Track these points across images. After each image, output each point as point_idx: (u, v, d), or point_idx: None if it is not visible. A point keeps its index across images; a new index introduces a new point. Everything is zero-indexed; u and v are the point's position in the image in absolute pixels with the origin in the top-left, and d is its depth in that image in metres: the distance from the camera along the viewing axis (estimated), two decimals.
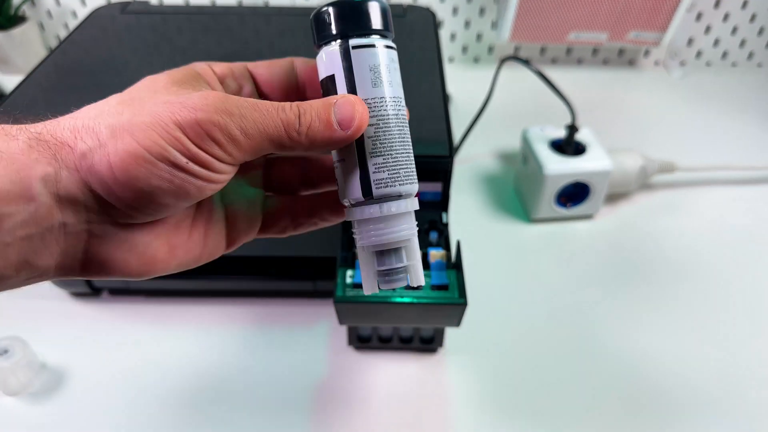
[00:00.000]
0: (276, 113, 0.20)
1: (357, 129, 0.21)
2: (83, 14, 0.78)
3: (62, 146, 0.19)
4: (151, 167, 0.18)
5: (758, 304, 0.48)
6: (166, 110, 0.19)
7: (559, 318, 0.46)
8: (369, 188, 0.22)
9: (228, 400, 0.41)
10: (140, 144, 0.18)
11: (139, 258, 0.20)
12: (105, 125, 0.19)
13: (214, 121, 0.19)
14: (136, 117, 0.18)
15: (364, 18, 0.22)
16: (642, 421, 0.39)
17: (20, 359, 0.39)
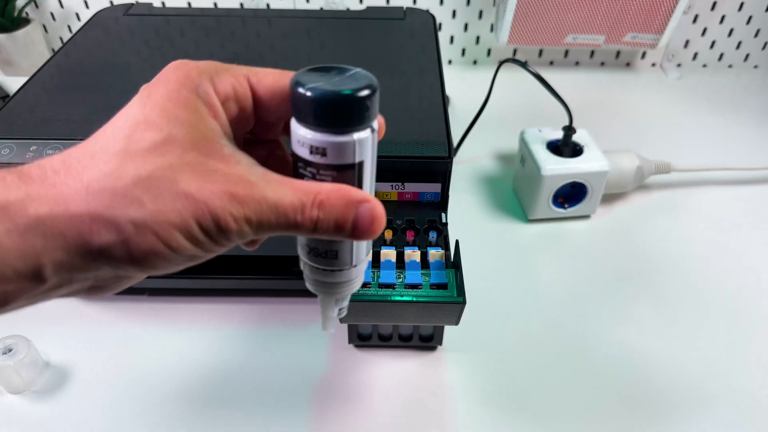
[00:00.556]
0: (293, 216, 0.20)
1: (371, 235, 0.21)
2: (86, 16, 0.79)
3: (73, 238, 0.18)
4: (170, 258, 0.19)
5: (755, 303, 0.48)
6: (190, 210, 0.18)
7: (557, 317, 0.47)
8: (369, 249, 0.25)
9: (229, 398, 0.41)
10: (164, 243, 0.18)
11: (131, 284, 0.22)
12: (128, 220, 0.18)
13: (232, 227, 0.19)
14: (161, 214, 0.18)
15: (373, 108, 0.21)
16: (639, 419, 0.40)
17: (24, 358, 0.40)
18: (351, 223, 0.20)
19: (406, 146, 0.39)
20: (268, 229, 0.20)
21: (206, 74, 0.21)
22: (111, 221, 0.18)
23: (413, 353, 0.44)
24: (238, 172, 0.19)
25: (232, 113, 0.22)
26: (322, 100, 0.19)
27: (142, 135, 0.19)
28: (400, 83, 0.46)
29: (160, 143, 0.19)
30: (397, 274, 0.37)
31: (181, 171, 0.19)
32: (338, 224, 0.20)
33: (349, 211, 0.20)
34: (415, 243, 0.39)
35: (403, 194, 0.42)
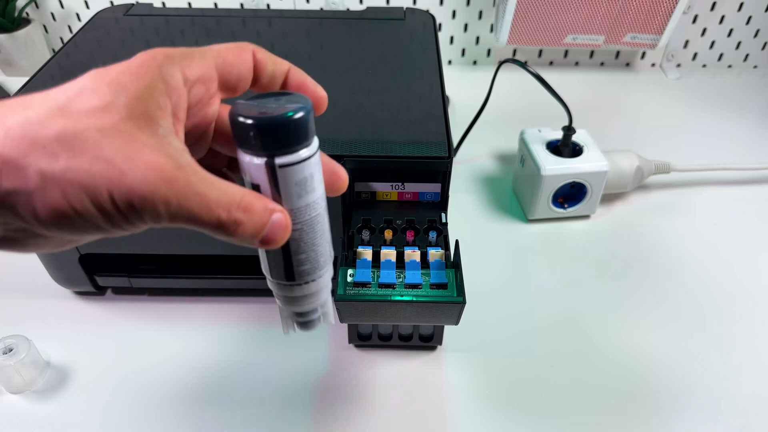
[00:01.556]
0: (216, 211, 0.19)
1: (276, 245, 0.22)
2: (87, 16, 0.79)
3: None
4: (75, 223, 0.18)
5: (754, 303, 0.48)
6: (106, 176, 0.18)
7: (556, 316, 0.47)
8: (293, 276, 0.25)
9: (230, 397, 0.41)
10: (69, 204, 0.18)
11: (52, 247, 0.21)
12: (35, 170, 0.17)
13: (147, 206, 0.18)
14: (72, 172, 0.17)
15: (291, 136, 0.21)
16: (639, 419, 0.40)
17: (24, 357, 0.40)
18: (266, 230, 0.21)
19: (406, 146, 0.39)
20: (184, 218, 0.19)
21: (174, 59, 0.21)
22: (19, 167, 0.17)
23: (413, 353, 0.44)
24: (168, 153, 0.19)
25: (197, 95, 0.22)
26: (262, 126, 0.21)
27: (83, 98, 0.18)
28: (400, 83, 0.46)
29: (98, 108, 0.18)
30: (397, 274, 0.37)
31: (110, 137, 0.18)
32: (255, 230, 0.21)
33: (266, 219, 0.21)
34: (415, 243, 0.39)
35: (403, 194, 0.42)
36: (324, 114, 0.32)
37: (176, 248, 0.44)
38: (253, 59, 0.23)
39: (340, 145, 0.39)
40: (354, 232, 0.40)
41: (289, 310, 0.26)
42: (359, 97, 0.44)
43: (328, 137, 0.39)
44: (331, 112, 0.43)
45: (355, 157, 0.39)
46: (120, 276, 0.46)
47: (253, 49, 0.24)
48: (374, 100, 0.44)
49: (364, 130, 0.40)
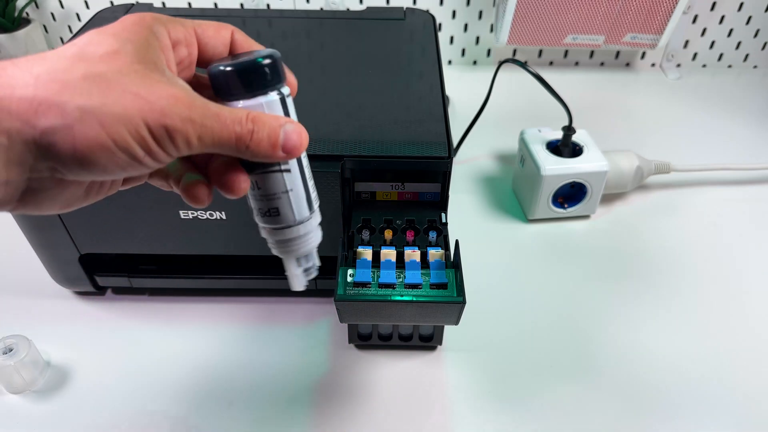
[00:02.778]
0: (232, 126, 0.22)
1: (296, 153, 0.24)
2: (87, 16, 0.79)
3: (19, 120, 0.18)
4: (113, 155, 0.20)
5: (754, 303, 0.48)
6: (137, 107, 0.19)
7: (556, 316, 0.47)
8: (311, 205, 0.28)
9: (230, 397, 0.41)
10: (109, 136, 0.19)
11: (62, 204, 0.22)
12: (74, 105, 0.19)
13: (179, 128, 0.20)
14: (107, 106, 0.19)
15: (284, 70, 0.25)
16: (639, 418, 0.40)
17: (25, 357, 0.40)
18: (282, 137, 0.23)
19: (406, 146, 0.39)
20: (209, 139, 0.21)
21: (161, 21, 0.23)
22: (58, 105, 0.18)
23: (413, 353, 0.44)
24: (180, 86, 0.21)
25: (180, 56, 0.24)
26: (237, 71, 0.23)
27: (94, 47, 0.20)
28: (400, 83, 0.46)
29: (112, 52, 0.20)
30: (397, 274, 0.37)
31: (130, 75, 0.20)
32: (271, 138, 0.23)
33: (279, 127, 0.23)
34: (415, 243, 0.39)
35: (403, 194, 0.42)
36: (324, 114, 0.33)
37: (176, 248, 0.44)
38: (230, 38, 0.26)
39: (340, 145, 0.39)
40: (354, 232, 0.40)
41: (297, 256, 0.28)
42: (359, 97, 0.44)
43: (328, 137, 0.39)
44: (331, 112, 0.43)
45: (355, 157, 0.39)
46: (120, 276, 0.46)
47: (232, 29, 0.26)
48: (374, 100, 0.44)
49: (364, 130, 0.40)
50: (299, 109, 0.27)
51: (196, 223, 0.42)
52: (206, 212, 0.41)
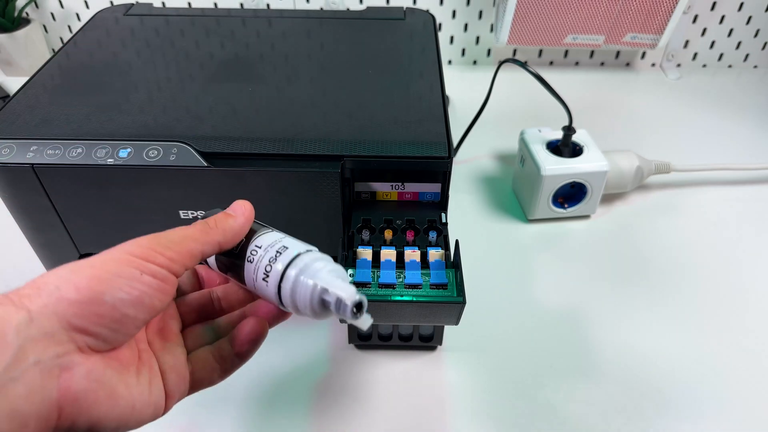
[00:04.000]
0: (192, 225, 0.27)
1: (248, 212, 0.29)
2: (86, 16, 0.79)
3: (27, 297, 0.21)
4: (113, 282, 0.22)
5: (754, 303, 0.48)
6: (117, 250, 0.23)
7: (556, 316, 0.47)
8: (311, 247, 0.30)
9: (230, 397, 0.41)
10: (102, 269, 0.22)
11: (105, 393, 0.22)
12: (66, 270, 0.22)
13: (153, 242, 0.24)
14: (92, 260, 0.23)
15: None
16: (639, 418, 0.40)
17: None
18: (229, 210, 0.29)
19: (406, 146, 0.39)
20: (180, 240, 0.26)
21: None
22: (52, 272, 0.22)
23: (413, 353, 0.44)
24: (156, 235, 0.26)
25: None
26: None
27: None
28: (400, 83, 0.46)
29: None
30: (397, 274, 0.37)
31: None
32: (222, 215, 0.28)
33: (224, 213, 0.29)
34: (415, 243, 0.39)
35: (403, 194, 0.42)
36: (324, 114, 0.33)
37: None
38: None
39: (340, 145, 0.39)
40: (354, 232, 0.40)
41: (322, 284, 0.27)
42: (359, 97, 0.44)
43: (328, 137, 0.39)
44: (331, 112, 0.43)
45: (355, 157, 0.39)
46: None
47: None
48: (374, 100, 0.44)
49: (364, 130, 0.40)
50: (299, 109, 0.27)
51: None
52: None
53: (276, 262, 0.27)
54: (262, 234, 0.29)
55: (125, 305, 0.22)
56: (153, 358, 0.26)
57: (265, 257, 0.28)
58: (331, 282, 0.26)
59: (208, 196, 0.40)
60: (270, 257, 0.28)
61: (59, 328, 0.21)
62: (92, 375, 0.22)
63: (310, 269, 0.27)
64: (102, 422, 0.22)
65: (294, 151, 0.38)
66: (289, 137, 0.39)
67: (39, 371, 0.20)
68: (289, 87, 0.45)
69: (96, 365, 0.22)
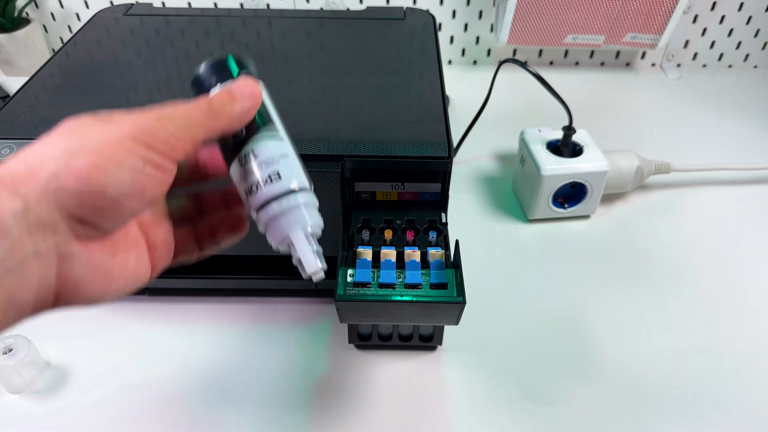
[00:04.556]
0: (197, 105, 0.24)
1: (256, 96, 0.26)
2: (86, 16, 0.79)
3: (23, 181, 0.20)
4: (114, 173, 0.21)
5: (754, 302, 0.48)
6: (113, 130, 0.21)
7: (556, 316, 0.47)
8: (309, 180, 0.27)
9: (230, 397, 0.41)
10: (102, 156, 0.20)
11: (100, 275, 0.22)
12: (62, 150, 0.20)
13: (156, 126, 0.22)
14: (88, 138, 0.21)
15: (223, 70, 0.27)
16: (640, 418, 0.40)
17: (24, 357, 0.40)
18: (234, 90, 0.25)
19: (406, 146, 0.39)
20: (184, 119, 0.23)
21: None
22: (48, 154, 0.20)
23: (413, 353, 0.44)
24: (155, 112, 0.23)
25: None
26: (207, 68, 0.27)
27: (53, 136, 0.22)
28: (400, 83, 0.46)
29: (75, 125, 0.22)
30: (397, 274, 0.37)
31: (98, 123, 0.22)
32: (229, 94, 0.25)
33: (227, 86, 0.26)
34: (415, 243, 0.39)
35: (403, 194, 0.42)
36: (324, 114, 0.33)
37: None
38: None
39: (340, 145, 0.39)
40: (354, 232, 0.40)
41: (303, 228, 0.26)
42: (359, 97, 0.44)
43: (328, 137, 0.39)
44: (331, 112, 0.43)
45: (355, 157, 0.39)
46: None
47: None
48: (374, 100, 0.44)
49: (364, 130, 0.40)
50: (299, 109, 0.27)
51: None
52: None
53: (264, 187, 0.26)
54: (263, 139, 0.26)
55: (127, 198, 0.21)
56: (141, 235, 0.26)
57: (256, 172, 0.26)
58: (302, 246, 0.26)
59: None
60: (261, 177, 0.26)
61: (58, 218, 0.20)
62: (90, 263, 0.22)
63: (291, 216, 0.26)
64: (95, 300, 0.23)
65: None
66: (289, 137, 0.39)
67: (38, 262, 0.20)
68: (289, 87, 0.45)
69: (93, 252, 0.22)
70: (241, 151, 0.26)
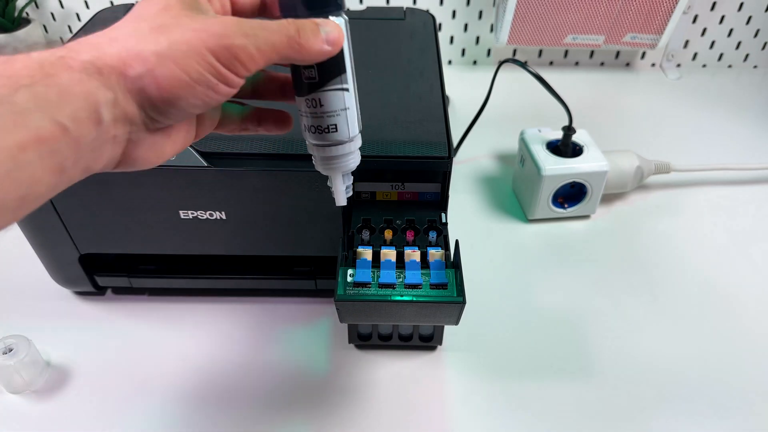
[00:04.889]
0: (282, 30, 0.24)
1: (338, 45, 0.27)
2: (87, 16, 0.79)
3: (115, 74, 0.22)
4: (192, 89, 0.23)
5: (755, 302, 0.48)
6: (198, 38, 0.22)
7: (556, 316, 0.47)
8: (360, 124, 0.30)
9: (230, 397, 0.41)
10: (184, 71, 0.22)
11: (155, 154, 0.25)
12: (150, 52, 0.22)
13: (237, 44, 0.23)
14: (175, 45, 0.22)
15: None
16: (640, 418, 0.40)
17: (24, 357, 0.40)
18: (324, 33, 0.26)
19: (406, 146, 0.39)
20: (267, 46, 0.24)
21: None
22: (138, 54, 0.22)
23: (413, 353, 0.44)
24: (227, 17, 0.24)
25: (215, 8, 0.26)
26: None
27: (148, 7, 0.24)
28: (400, 83, 0.46)
29: (162, 8, 0.24)
30: (397, 274, 0.37)
31: (184, 17, 0.23)
32: (314, 33, 0.25)
33: (317, 26, 0.26)
34: (415, 243, 0.39)
35: (403, 194, 0.42)
36: None
37: (176, 248, 0.44)
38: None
39: None
40: (354, 232, 0.40)
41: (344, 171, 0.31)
42: (359, 97, 0.44)
43: None
44: None
45: None
46: (120, 276, 0.46)
47: None
48: (374, 100, 0.44)
49: (364, 130, 0.40)
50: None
51: (196, 223, 0.42)
52: (206, 212, 0.41)
53: (321, 133, 0.29)
54: (332, 90, 0.28)
55: (196, 108, 0.24)
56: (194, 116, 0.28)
57: (318, 119, 0.28)
58: (338, 185, 0.31)
59: (208, 196, 0.40)
60: (321, 124, 0.28)
61: (137, 113, 0.23)
62: (153, 147, 0.25)
63: (336, 160, 0.30)
64: (146, 167, 0.26)
65: (294, 151, 0.38)
66: (289, 137, 0.39)
67: (114, 144, 0.23)
68: None
69: (156, 139, 0.25)
70: (310, 94, 0.28)
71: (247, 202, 0.40)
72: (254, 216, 0.41)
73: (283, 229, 0.42)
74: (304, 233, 0.43)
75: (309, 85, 0.27)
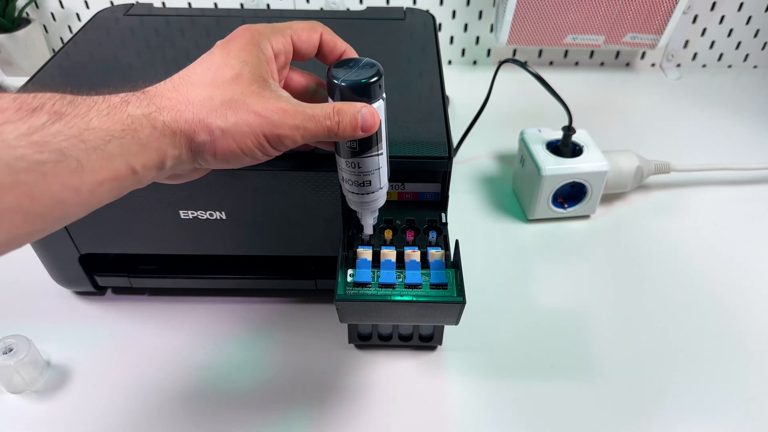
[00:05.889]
0: (324, 121, 0.29)
1: (371, 131, 0.31)
2: (87, 16, 0.79)
3: (185, 137, 0.27)
4: (241, 158, 0.28)
5: (754, 302, 0.48)
6: (258, 124, 0.27)
7: (556, 316, 0.47)
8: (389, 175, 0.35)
9: (230, 397, 0.41)
10: (239, 147, 0.28)
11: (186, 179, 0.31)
12: (216, 127, 0.27)
13: (287, 134, 0.28)
14: (238, 126, 0.27)
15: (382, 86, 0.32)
16: (639, 418, 0.40)
17: (24, 357, 0.40)
18: (360, 121, 0.29)
19: (406, 146, 0.39)
20: (310, 136, 0.29)
21: (265, 35, 0.30)
22: (207, 126, 0.27)
23: (413, 353, 0.44)
24: (284, 98, 0.29)
25: (280, 64, 0.31)
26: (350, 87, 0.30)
27: (223, 72, 0.28)
28: (400, 83, 0.46)
29: (236, 77, 0.28)
30: (397, 274, 0.37)
31: (250, 96, 0.28)
32: (352, 123, 0.29)
33: (356, 113, 0.29)
34: (415, 243, 0.39)
35: (403, 194, 0.42)
36: None
37: (176, 248, 0.44)
38: (319, 39, 0.32)
39: None
40: (354, 232, 0.40)
41: (372, 210, 0.36)
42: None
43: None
44: None
45: None
46: (120, 276, 0.46)
47: (321, 31, 0.32)
48: None
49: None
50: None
51: (196, 223, 0.42)
52: (206, 212, 0.41)
53: (357, 186, 0.34)
54: (368, 157, 0.32)
55: (238, 167, 0.29)
56: None
57: (355, 175, 0.33)
58: (367, 221, 0.37)
59: (208, 196, 0.40)
60: (357, 180, 0.33)
61: (191, 161, 0.28)
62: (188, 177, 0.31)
63: (367, 204, 0.35)
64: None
65: (294, 151, 0.38)
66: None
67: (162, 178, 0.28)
68: None
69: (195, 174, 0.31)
70: (351, 159, 0.32)
71: (247, 202, 0.40)
72: (254, 216, 0.41)
73: (283, 229, 0.42)
74: (304, 233, 0.43)
75: (350, 152, 0.32)
